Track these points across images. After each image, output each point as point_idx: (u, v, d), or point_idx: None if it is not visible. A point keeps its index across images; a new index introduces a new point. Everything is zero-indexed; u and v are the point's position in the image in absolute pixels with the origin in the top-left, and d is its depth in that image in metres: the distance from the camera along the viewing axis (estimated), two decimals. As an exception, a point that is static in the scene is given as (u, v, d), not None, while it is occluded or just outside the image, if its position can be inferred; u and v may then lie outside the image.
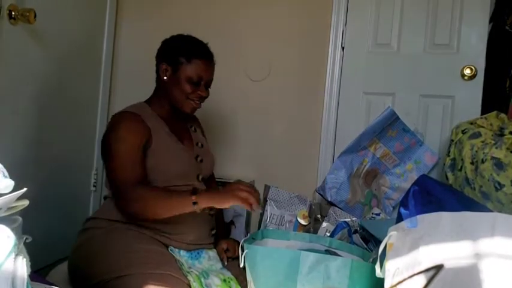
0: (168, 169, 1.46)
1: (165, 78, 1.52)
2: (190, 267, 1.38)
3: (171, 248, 1.41)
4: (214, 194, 1.33)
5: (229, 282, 1.40)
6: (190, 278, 1.31)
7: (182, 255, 1.42)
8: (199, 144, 1.64)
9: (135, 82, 1.66)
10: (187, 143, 1.58)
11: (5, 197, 0.75)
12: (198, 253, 1.46)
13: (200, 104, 1.56)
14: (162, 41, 1.58)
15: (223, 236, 1.66)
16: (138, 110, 1.50)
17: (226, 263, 1.51)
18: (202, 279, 1.34)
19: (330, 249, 1.51)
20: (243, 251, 1.29)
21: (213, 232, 1.56)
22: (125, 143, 1.40)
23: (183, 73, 1.50)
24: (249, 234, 1.45)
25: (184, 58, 1.50)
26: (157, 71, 1.56)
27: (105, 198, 1.58)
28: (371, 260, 1.38)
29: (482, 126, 1.84)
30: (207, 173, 1.64)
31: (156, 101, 1.56)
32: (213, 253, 1.51)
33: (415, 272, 0.95)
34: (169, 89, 1.53)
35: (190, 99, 1.52)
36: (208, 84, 1.57)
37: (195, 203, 1.28)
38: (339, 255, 1.41)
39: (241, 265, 1.31)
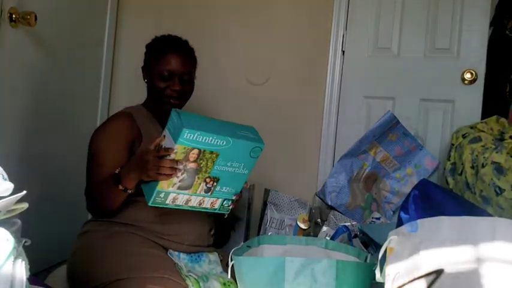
0: None
1: (145, 80, 1.58)
2: (189, 271, 1.37)
3: (170, 251, 1.41)
4: (133, 172, 1.29)
5: (229, 285, 1.40)
6: (188, 281, 1.31)
7: (182, 259, 1.41)
8: None
9: (136, 84, 1.67)
10: None
11: (4, 199, 0.75)
12: (198, 256, 1.46)
13: (179, 101, 1.55)
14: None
15: None
16: (132, 110, 1.54)
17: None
18: (202, 283, 1.33)
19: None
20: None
21: (212, 233, 1.56)
22: (108, 140, 1.44)
23: (154, 72, 1.52)
24: (242, 243, 1.45)
25: (154, 56, 1.54)
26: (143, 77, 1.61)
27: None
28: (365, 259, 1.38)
29: (483, 131, 1.84)
30: None
31: (148, 104, 1.60)
32: (213, 257, 1.50)
33: (415, 276, 0.95)
34: (149, 89, 1.57)
35: (166, 96, 1.52)
36: (183, 78, 1.54)
37: (125, 190, 1.31)
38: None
39: (229, 276, 1.31)
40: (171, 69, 1.51)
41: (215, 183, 1.30)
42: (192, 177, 1.25)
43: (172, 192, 1.25)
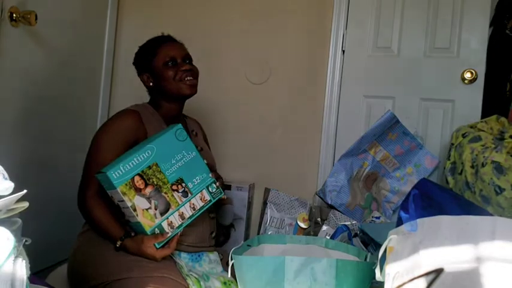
0: None
1: (151, 84, 1.58)
2: (190, 270, 1.37)
3: (171, 250, 1.41)
4: (139, 252, 1.30)
5: (229, 285, 1.40)
6: (189, 281, 1.31)
7: (182, 258, 1.41)
8: (199, 147, 1.64)
9: (136, 84, 1.67)
10: None
11: (4, 199, 0.75)
12: (198, 256, 1.46)
13: (194, 80, 1.56)
14: (132, 62, 1.65)
15: None
16: (138, 108, 1.54)
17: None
18: (202, 282, 1.34)
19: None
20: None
21: (213, 235, 1.56)
22: (109, 138, 1.44)
23: (158, 65, 1.54)
24: (242, 243, 1.46)
25: (151, 55, 1.56)
26: (144, 85, 1.62)
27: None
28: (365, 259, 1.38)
29: (483, 130, 1.84)
30: None
31: (155, 104, 1.60)
32: (213, 256, 1.50)
33: (415, 275, 0.95)
34: (159, 88, 1.56)
35: (179, 80, 1.53)
36: (186, 62, 1.58)
37: (118, 247, 1.32)
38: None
39: (229, 275, 1.31)
40: (172, 55, 1.55)
41: (183, 183, 1.29)
42: (161, 197, 1.25)
43: (162, 221, 1.25)
